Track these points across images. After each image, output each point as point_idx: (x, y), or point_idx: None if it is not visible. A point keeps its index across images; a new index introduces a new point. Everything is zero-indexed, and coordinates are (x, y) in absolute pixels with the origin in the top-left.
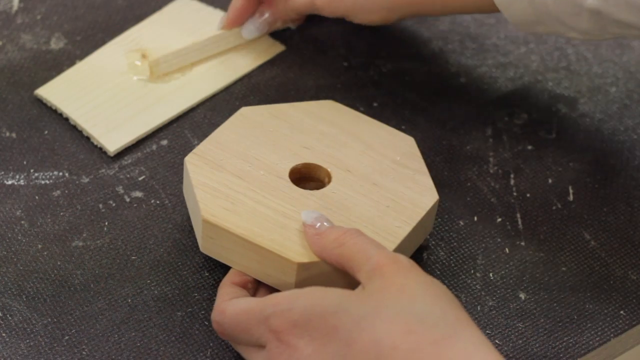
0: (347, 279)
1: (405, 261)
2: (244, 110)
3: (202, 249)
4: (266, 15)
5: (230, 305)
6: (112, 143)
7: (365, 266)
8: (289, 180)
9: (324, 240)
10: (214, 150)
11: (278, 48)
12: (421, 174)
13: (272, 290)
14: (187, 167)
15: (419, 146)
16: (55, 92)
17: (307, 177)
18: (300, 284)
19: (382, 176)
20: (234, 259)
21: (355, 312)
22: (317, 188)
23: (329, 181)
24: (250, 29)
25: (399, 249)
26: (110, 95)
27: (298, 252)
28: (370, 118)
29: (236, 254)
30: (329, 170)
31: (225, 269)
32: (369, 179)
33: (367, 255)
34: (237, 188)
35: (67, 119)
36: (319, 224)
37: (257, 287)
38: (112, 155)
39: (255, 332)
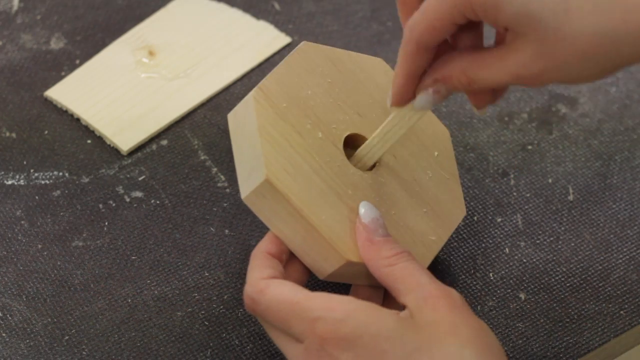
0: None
1: (457, 297)
2: (305, 46)
3: (244, 199)
4: (442, 91)
5: (272, 288)
6: (125, 142)
7: (415, 292)
8: (342, 152)
9: (375, 253)
10: (277, 90)
11: (283, 40)
12: (454, 180)
13: (304, 265)
14: (251, 105)
15: None
16: (65, 92)
17: (354, 144)
18: (337, 273)
19: (421, 172)
20: (277, 224)
21: (408, 342)
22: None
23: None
24: (422, 103)
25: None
26: (119, 94)
27: (349, 247)
28: None
29: (282, 222)
30: None
31: (224, 270)
32: (411, 172)
33: (418, 282)
34: (297, 147)
35: (77, 119)
36: (374, 229)
37: (289, 259)
38: (125, 154)
39: (296, 327)
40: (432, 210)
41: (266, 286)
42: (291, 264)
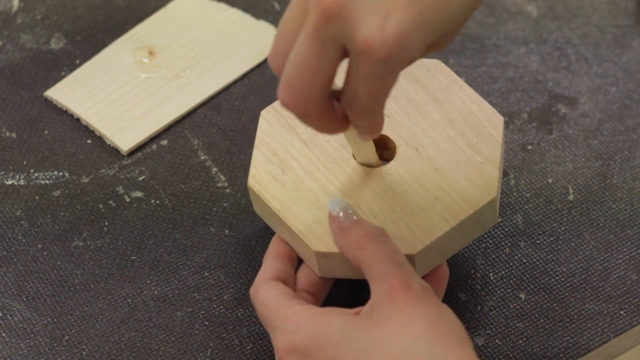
0: None
1: (418, 289)
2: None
3: (255, 209)
4: None
5: (263, 291)
6: (125, 142)
7: (379, 284)
8: (350, 152)
9: (346, 237)
10: None
11: None
12: (491, 163)
13: (309, 268)
14: (260, 121)
15: None
16: (65, 92)
17: (379, 144)
18: (323, 267)
19: (448, 160)
20: (274, 226)
21: (356, 344)
22: (384, 158)
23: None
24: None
25: (430, 248)
26: (119, 94)
27: (320, 239)
28: (468, 87)
29: (274, 224)
30: (397, 144)
31: (224, 270)
32: (433, 163)
33: (384, 273)
34: (296, 153)
35: (77, 119)
36: (343, 217)
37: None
38: (125, 154)
39: (269, 330)
40: (449, 196)
41: (260, 287)
42: (304, 266)
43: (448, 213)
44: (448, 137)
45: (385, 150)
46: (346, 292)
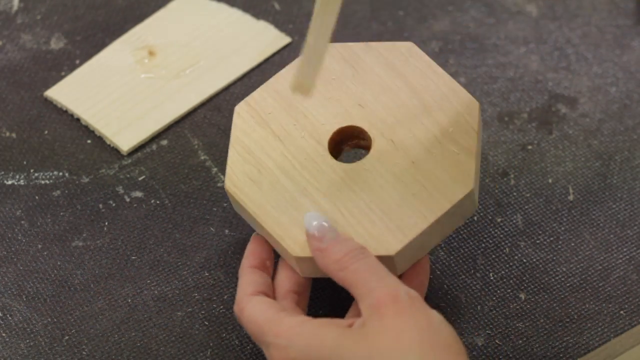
0: None
1: (405, 299)
2: None
3: (234, 209)
4: None
5: (249, 307)
6: (125, 142)
7: (367, 299)
8: (325, 148)
9: (327, 258)
10: (267, 99)
11: (283, 40)
12: (467, 153)
13: (291, 268)
14: (234, 118)
15: None
16: (65, 92)
17: (353, 136)
18: (304, 269)
19: (424, 152)
20: (255, 227)
21: (350, 358)
22: (362, 146)
23: (369, 149)
24: None
25: (409, 247)
26: (119, 94)
27: (300, 243)
28: (443, 72)
29: (254, 225)
30: (372, 137)
31: (224, 270)
32: (409, 156)
33: (369, 288)
34: (271, 152)
35: (77, 119)
36: (320, 234)
37: (278, 262)
38: (125, 154)
39: (262, 347)
40: (426, 190)
41: (245, 304)
42: (281, 269)
43: (426, 209)
44: (422, 126)
45: (361, 140)
46: (334, 291)
